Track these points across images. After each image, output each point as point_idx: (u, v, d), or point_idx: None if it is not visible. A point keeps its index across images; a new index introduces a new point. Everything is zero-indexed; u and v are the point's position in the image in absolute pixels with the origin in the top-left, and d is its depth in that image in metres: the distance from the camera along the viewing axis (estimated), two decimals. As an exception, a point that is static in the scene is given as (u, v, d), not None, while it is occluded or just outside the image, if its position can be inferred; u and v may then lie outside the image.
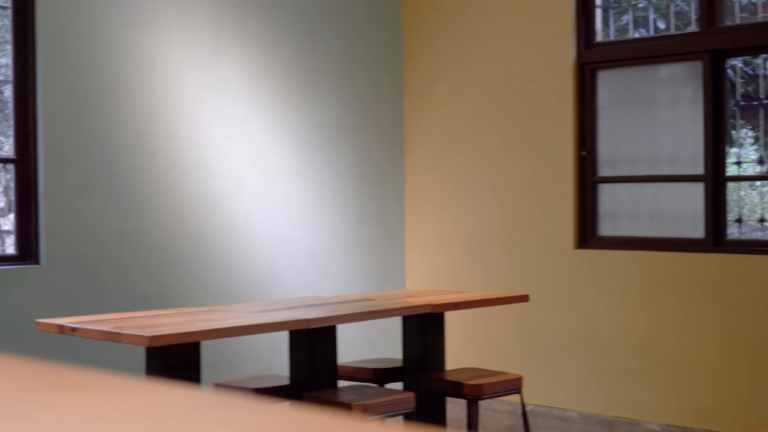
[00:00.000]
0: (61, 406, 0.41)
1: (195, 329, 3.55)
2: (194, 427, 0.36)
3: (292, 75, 6.14)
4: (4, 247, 5.21)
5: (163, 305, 5.34)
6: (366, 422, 0.42)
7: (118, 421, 0.38)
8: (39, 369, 0.49)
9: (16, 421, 0.38)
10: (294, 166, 6.14)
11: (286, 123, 6.10)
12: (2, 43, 5.20)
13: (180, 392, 0.42)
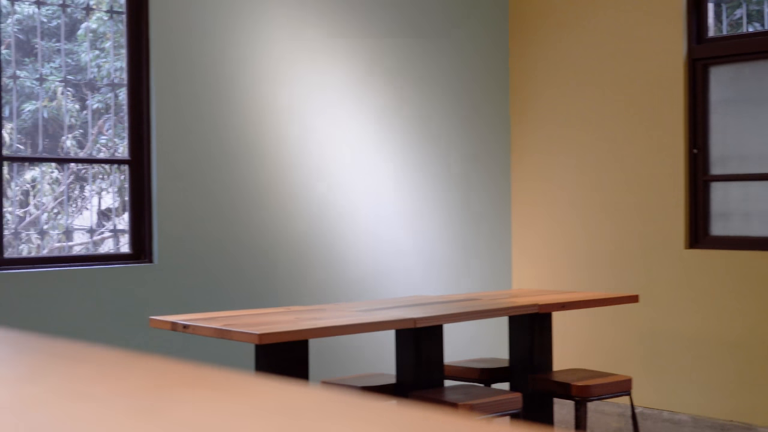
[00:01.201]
0: (196, 403, 0.42)
1: (303, 327, 3.59)
2: (328, 426, 0.36)
3: (399, 75, 6.17)
4: (118, 246, 5.36)
5: (272, 303, 5.42)
6: (501, 424, 0.42)
7: (252, 419, 0.39)
8: (169, 366, 0.50)
9: (151, 419, 0.39)
10: (400, 166, 6.16)
11: (392, 123, 6.12)
12: (117, 47, 5.35)
13: (310, 390, 0.43)
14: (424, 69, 6.29)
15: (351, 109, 5.95)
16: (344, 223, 5.88)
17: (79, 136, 5.51)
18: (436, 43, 6.36)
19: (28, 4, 5.15)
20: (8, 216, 4.93)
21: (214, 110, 5.38)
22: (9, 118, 4.97)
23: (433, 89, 6.32)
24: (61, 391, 0.45)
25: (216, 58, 5.40)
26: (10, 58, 4.98)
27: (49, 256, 5.08)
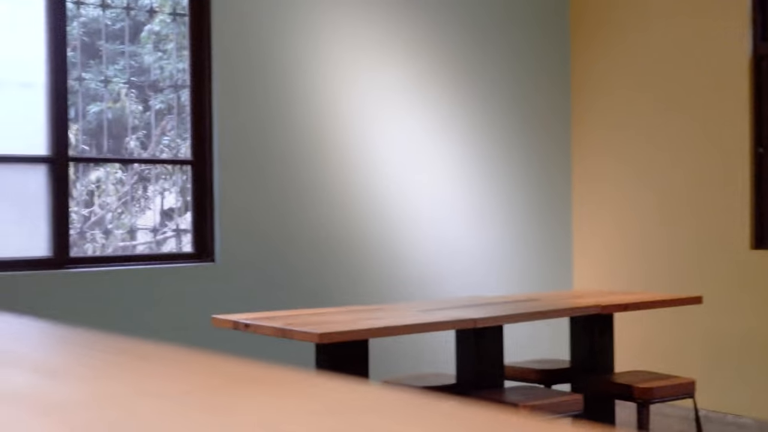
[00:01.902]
0: (262, 401, 0.42)
1: (363, 327, 3.60)
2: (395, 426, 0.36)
3: (460, 75, 6.15)
4: (180, 245, 5.43)
5: (332, 303, 5.44)
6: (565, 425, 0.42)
7: (318, 417, 0.39)
8: (235, 365, 0.51)
9: (220, 417, 0.40)
10: (461, 166, 6.14)
11: (452, 123, 6.11)
12: (179, 49, 5.41)
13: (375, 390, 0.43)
14: (485, 68, 6.26)
15: (411, 108, 5.94)
16: (404, 223, 5.88)
17: (143, 137, 5.58)
18: (497, 42, 6.33)
19: (92, 7, 5.23)
20: (74, 216, 5.01)
21: (274, 110, 5.42)
22: (75, 119, 5.06)
23: (493, 88, 6.30)
24: (132, 389, 0.46)
25: (276, 58, 5.43)
26: (75, 60, 5.06)
27: (113, 255, 5.16)
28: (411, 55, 5.96)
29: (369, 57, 5.79)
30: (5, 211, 4.78)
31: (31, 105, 4.86)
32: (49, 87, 4.86)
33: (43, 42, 4.86)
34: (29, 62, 4.85)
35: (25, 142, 4.84)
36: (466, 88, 6.18)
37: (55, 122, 4.86)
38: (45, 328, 0.67)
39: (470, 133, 6.20)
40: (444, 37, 6.10)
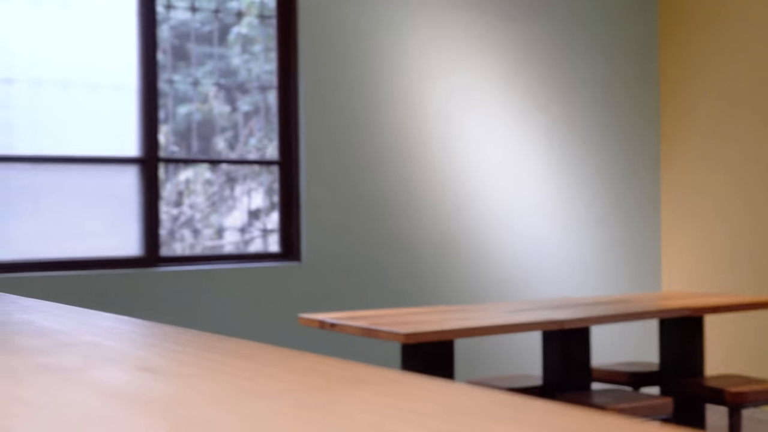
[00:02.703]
0: (360, 401, 0.42)
1: (449, 327, 3.59)
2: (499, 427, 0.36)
3: (546, 76, 6.10)
4: (266, 245, 5.48)
5: (418, 303, 5.44)
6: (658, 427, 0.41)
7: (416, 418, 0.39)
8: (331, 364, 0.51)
9: (320, 417, 0.40)
10: (548, 167, 6.09)
11: (538, 124, 6.06)
12: (266, 50, 5.47)
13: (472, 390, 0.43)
14: (573, 68, 6.20)
15: (497, 109, 5.91)
16: (490, 224, 5.85)
17: (230, 137, 5.66)
18: (584, 44, 6.26)
19: (182, 10, 5.32)
20: (163, 215, 5.10)
21: (360, 111, 5.44)
22: (165, 120, 5.15)
23: (580, 89, 6.23)
24: (232, 388, 0.46)
25: (362, 59, 5.46)
26: (165, 63, 5.15)
27: (202, 255, 5.24)
28: (497, 55, 5.93)
29: (455, 56, 5.77)
30: (99, 211, 4.90)
31: (123, 107, 4.96)
32: (140, 89, 4.96)
33: (135, 46, 4.96)
34: (122, 66, 4.96)
35: (118, 143, 4.95)
36: (552, 89, 6.12)
37: (146, 124, 4.96)
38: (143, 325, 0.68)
39: (557, 133, 6.14)
40: (531, 37, 6.05)
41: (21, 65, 4.70)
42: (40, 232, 4.73)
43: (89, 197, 4.86)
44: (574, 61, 6.21)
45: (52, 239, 4.75)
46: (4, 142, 4.64)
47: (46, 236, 4.74)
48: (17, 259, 4.64)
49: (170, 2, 5.20)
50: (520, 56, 6.01)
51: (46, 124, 4.76)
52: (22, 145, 4.69)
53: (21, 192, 4.68)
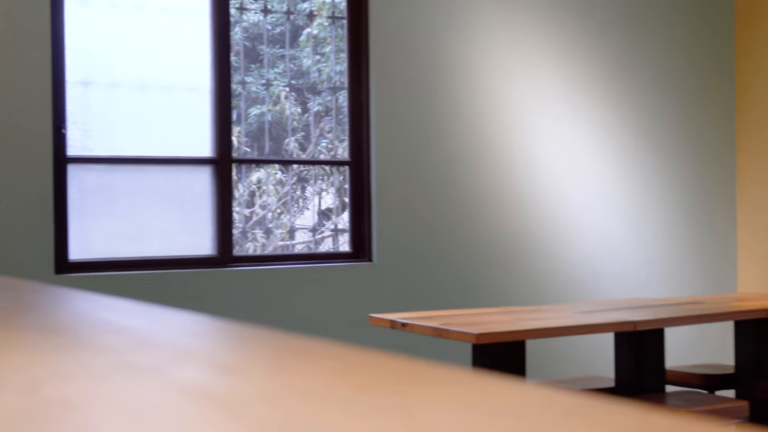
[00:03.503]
0: (433, 402, 0.42)
1: (521, 328, 3.57)
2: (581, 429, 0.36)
3: (617, 73, 6.03)
4: (337, 245, 5.52)
5: (488, 303, 5.43)
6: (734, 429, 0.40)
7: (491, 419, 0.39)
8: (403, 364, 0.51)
9: (390, 417, 0.40)
10: (620, 166, 6.02)
11: (610, 122, 6.00)
12: (337, 51, 5.50)
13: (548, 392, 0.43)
14: (644, 66, 6.12)
15: (569, 107, 5.87)
16: (562, 223, 5.81)
17: (301, 138, 5.70)
18: (657, 40, 6.18)
19: (254, 12, 5.38)
20: (235, 215, 5.17)
21: (431, 111, 5.44)
22: (237, 122, 5.22)
23: (652, 86, 6.15)
24: (305, 387, 0.47)
25: (433, 60, 5.46)
26: (238, 64, 5.22)
27: (274, 254, 5.29)
28: (569, 53, 5.88)
29: (527, 56, 5.74)
30: (173, 210, 4.97)
31: (197, 109, 5.03)
32: (213, 91, 5.03)
33: (208, 48, 5.03)
34: (195, 68, 5.03)
35: (192, 144, 5.02)
36: (625, 87, 6.05)
37: (219, 125, 5.02)
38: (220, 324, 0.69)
39: (629, 132, 6.07)
40: (603, 35, 5.99)
41: (98, 68, 4.80)
42: (117, 232, 4.82)
43: (164, 197, 4.94)
44: (646, 57, 6.13)
45: (127, 238, 4.84)
46: (82, 144, 4.74)
47: (122, 235, 4.83)
48: (94, 258, 4.74)
49: (243, 4, 5.26)
50: (593, 55, 5.96)
51: (122, 126, 4.85)
52: (99, 146, 4.78)
53: (98, 192, 4.78)
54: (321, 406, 0.42)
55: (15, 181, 4.46)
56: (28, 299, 1.02)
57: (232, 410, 0.42)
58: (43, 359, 0.59)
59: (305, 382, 0.48)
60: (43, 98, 4.52)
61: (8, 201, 4.44)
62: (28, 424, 0.41)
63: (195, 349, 0.62)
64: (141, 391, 0.47)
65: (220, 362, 0.55)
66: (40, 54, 4.52)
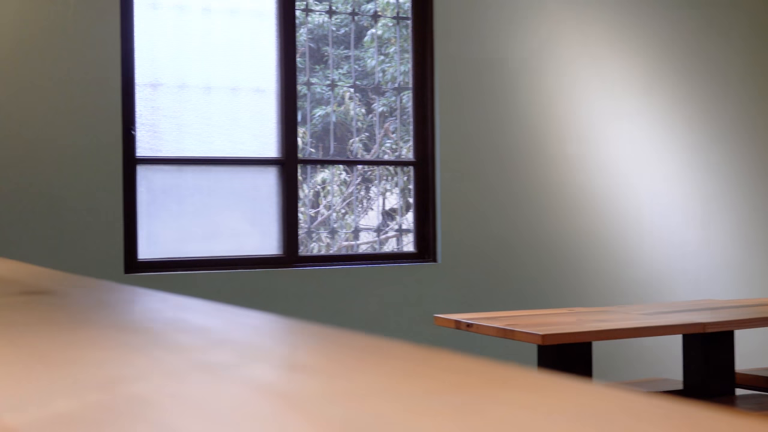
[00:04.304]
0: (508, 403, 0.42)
1: (588, 329, 3.54)
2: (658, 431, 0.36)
3: (685, 71, 5.95)
4: (401, 245, 5.52)
5: (554, 304, 5.39)
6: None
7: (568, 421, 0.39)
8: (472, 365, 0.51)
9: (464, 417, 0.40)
10: (688, 166, 5.94)
11: (678, 121, 5.92)
12: (402, 52, 5.51)
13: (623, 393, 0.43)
14: (713, 66, 6.02)
15: (636, 106, 5.80)
16: (629, 223, 5.74)
17: (366, 138, 5.72)
18: (726, 38, 6.08)
19: (318, 14, 5.41)
20: (301, 216, 5.20)
21: (496, 111, 5.42)
22: (302, 122, 5.25)
23: (722, 86, 6.05)
24: (377, 386, 0.47)
25: (499, 59, 5.44)
26: (303, 66, 5.25)
27: (339, 254, 5.32)
28: (637, 51, 5.81)
29: (594, 54, 5.69)
30: (240, 211, 5.02)
31: (263, 109, 5.08)
32: (279, 92, 5.07)
33: (274, 49, 5.07)
34: (261, 69, 5.07)
35: (258, 145, 5.06)
36: (694, 86, 5.97)
37: (284, 126, 5.06)
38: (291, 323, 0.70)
39: (697, 130, 5.98)
40: (672, 32, 5.91)
41: (166, 70, 4.87)
42: (184, 231, 4.89)
43: (231, 197, 4.99)
44: (716, 56, 6.04)
45: (195, 238, 4.90)
46: (151, 145, 4.81)
47: (190, 235, 4.89)
48: (163, 257, 4.80)
49: (308, 6, 5.30)
50: (662, 55, 5.88)
51: (189, 127, 4.91)
52: (167, 147, 4.85)
53: (166, 192, 4.85)
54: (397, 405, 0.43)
55: (86, 182, 4.54)
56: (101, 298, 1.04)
57: (308, 410, 0.42)
58: (119, 357, 0.60)
59: (379, 381, 0.48)
60: (113, 100, 4.60)
61: (80, 201, 4.53)
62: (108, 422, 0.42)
63: (269, 349, 0.63)
64: (217, 390, 0.48)
65: (295, 362, 0.56)
66: (110, 57, 4.60)
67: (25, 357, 0.60)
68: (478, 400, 0.43)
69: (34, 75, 4.47)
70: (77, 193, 4.53)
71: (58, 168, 4.50)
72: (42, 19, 4.48)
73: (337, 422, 0.39)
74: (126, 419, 0.43)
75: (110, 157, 4.59)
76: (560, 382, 0.47)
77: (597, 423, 0.38)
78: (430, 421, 0.39)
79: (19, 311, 0.90)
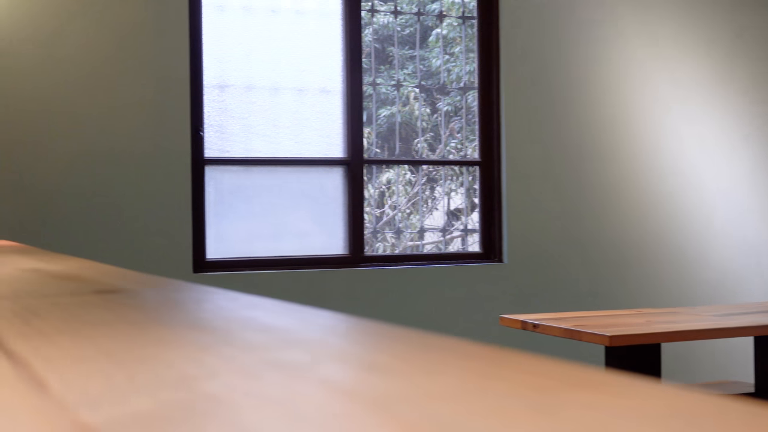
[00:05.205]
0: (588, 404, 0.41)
1: (656, 330, 3.49)
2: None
3: (755, 69, 5.84)
4: (465, 245, 5.50)
5: (621, 305, 5.33)
6: None
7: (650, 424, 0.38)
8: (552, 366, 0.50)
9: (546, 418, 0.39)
10: (757, 164, 5.83)
11: (747, 119, 5.81)
12: (467, 51, 5.49)
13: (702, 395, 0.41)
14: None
15: (703, 105, 5.71)
16: (697, 223, 5.66)
17: (431, 138, 5.71)
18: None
19: (383, 14, 5.42)
20: (367, 216, 5.21)
21: (563, 111, 5.38)
22: (367, 122, 5.26)
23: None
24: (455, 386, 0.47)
25: (566, 57, 5.39)
26: (368, 66, 5.26)
27: (404, 254, 5.32)
28: (703, 51, 5.72)
29: (663, 53, 5.61)
30: (306, 211, 5.05)
31: (329, 110, 5.10)
32: (345, 93, 5.08)
33: (340, 50, 5.09)
34: (327, 70, 5.10)
35: (324, 145, 5.09)
36: (765, 86, 5.85)
37: (350, 126, 5.07)
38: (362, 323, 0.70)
39: (766, 129, 5.86)
40: (737, 30, 5.81)
41: (234, 71, 4.91)
42: (251, 231, 4.93)
43: (297, 197, 5.02)
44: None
45: (262, 238, 4.93)
46: (219, 146, 4.86)
47: (257, 235, 4.93)
48: (230, 256, 4.85)
49: (374, 6, 5.30)
50: (731, 52, 5.78)
51: (257, 128, 4.95)
52: (235, 148, 4.90)
53: (234, 193, 4.89)
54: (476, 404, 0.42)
55: (156, 183, 4.60)
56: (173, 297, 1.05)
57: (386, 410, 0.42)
58: (193, 356, 0.60)
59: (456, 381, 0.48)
60: (182, 102, 4.65)
61: (149, 202, 4.59)
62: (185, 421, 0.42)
63: (342, 348, 0.63)
64: (292, 389, 0.47)
65: (368, 361, 0.55)
66: (179, 59, 4.65)
67: (100, 355, 0.61)
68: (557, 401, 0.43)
69: (106, 79, 4.54)
70: (147, 193, 4.59)
71: (128, 169, 4.57)
72: (114, 22, 4.55)
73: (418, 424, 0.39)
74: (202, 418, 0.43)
75: (179, 158, 4.65)
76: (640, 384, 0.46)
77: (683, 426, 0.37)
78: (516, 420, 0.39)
79: (94, 310, 0.92)
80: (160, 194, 4.61)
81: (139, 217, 4.57)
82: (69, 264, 1.68)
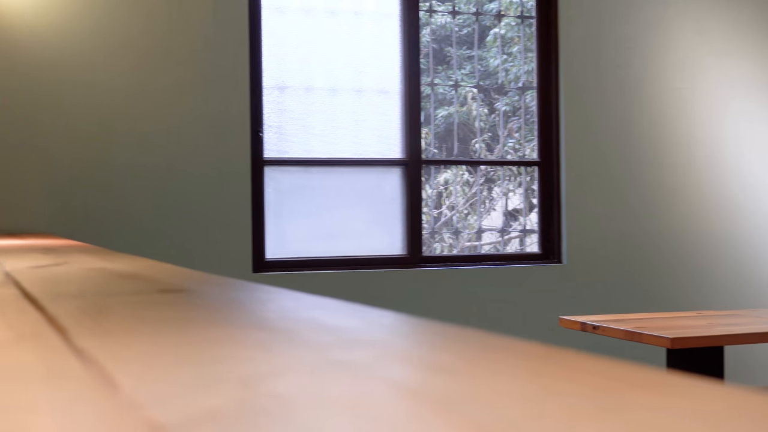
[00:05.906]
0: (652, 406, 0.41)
1: (719, 333, 3.44)
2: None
3: (822, 65, 5.73)
4: (523, 245, 5.47)
5: (682, 306, 5.27)
6: None
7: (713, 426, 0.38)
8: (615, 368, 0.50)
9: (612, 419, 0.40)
10: (823, 163, 5.72)
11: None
12: (525, 51, 5.46)
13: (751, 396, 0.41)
14: None
15: (762, 104, 5.62)
16: (759, 225, 5.57)
17: (488, 139, 5.69)
18: None
19: (441, 14, 5.41)
20: (424, 216, 5.21)
21: (622, 111, 5.33)
22: (425, 123, 5.26)
23: None
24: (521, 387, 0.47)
25: (624, 59, 5.34)
26: (426, 66, 5.26)
27: (462, 255, 5.31)
28: (761, 48, 5.63)
29: (721, 50, 5.53)
30: (364, 211, 5.07)
31: (387, 111, 5.11)
32: (403, 93, 5.09)
33: (398, 51, 5.10)
34: (385, 70, 5.11)
35: (382, 145, 5.10)
36: (831, 80, 5.74)
37: (408, 127, 5.08)
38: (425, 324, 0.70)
39: (836, 127, 5.75)
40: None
41: (293, 72, 4.94)
42: (310, 231, 4.95)
43: (356, 198, 5.04)
44: None
45: (321, 238, 4.96)
46: (278, 146, 4.90)
47: (316, 235, 4.96)
48: (289, 256, 4.88)
49: (432, 7, 5.30)
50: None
51: (315, 128, 4.98)
52: (294, 149, 4.93)
53: (293, 193, 4.92)
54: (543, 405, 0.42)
55: (216, 183, 4.65)
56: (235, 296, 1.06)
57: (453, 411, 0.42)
58: (255, 355, 0.61)
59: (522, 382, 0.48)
60: (242, 103, 4.70)
61: (210, 202, 4.64)
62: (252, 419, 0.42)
63: (405, 348, 0.63)
64: (356, 389, 0.48)
65: (433, 362, 0.56)
66: (239, 61, 4.70)
67: (168, 353, 0.62)
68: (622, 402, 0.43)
69: (169, 83, 4.60)
70: (208, 194, 4.64)
71: (189, 170, 4.62)
72: (177, 25, 4.61)
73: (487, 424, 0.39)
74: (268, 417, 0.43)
75: (239, 158, 4.69)
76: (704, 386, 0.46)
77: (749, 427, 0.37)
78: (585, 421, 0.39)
79: (160, 309, 0.93)
80: (221, 195, 4.65)
81: (200, 217, 4.62)
82: (134, 263, 1.71)
